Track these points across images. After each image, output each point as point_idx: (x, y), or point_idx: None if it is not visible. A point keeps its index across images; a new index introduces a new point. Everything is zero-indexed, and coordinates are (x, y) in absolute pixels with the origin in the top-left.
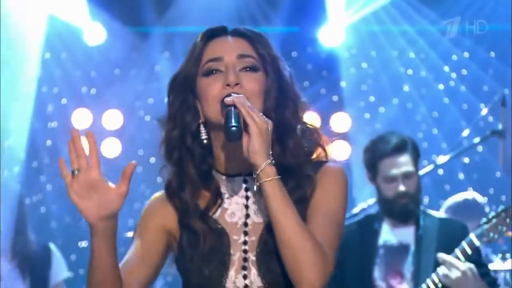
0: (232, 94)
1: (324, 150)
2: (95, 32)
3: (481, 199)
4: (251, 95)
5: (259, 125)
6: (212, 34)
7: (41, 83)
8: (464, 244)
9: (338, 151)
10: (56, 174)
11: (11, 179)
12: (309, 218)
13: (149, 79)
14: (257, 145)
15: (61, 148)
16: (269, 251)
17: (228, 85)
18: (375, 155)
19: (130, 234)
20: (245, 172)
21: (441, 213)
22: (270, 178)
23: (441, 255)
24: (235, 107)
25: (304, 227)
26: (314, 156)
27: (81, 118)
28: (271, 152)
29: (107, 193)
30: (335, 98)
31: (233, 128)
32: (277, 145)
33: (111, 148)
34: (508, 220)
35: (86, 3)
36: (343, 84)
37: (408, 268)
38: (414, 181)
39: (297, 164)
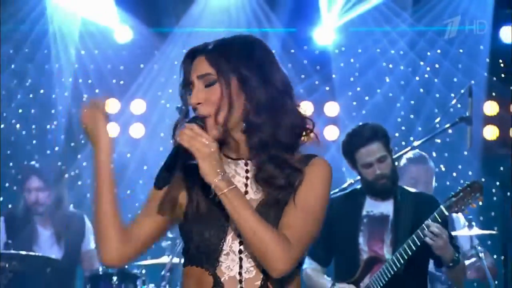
0: (194, 120)
1: (317, 136)
2: (123, 33)
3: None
4: (215, 106)
5: (201, 153)
6: (184, 58)
7: (78, 75)
8: (435, 214)
9: (330, 133)
10: (91, 153)
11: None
12: (289, 207)
13: (169, 73)
14: (204, 169)
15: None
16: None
17: (194, 108)
18: (352, 147)
19: None
20: (246, 157)
21: (414, 189)
22: (222, 192)
23: (429, 223)
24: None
25: (261, 226)
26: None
27: (111, 106)
28: (221, 172)
29: None
30: (327, 88)
31: (158, 180)
32: (271, 138)
33: (137, 131)
34: (473, 193)
35: (115, 8)
36: (334, 76)
37: (387, 235)
38: (388, 163)
39: (288, 157)
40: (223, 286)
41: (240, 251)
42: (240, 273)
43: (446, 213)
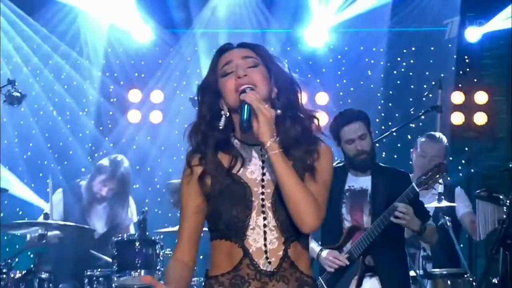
0: (246, 89)
1: (318, 127)
2: (143, 33)
3: None
4: (257, 83)
5: (265, 115)
6: (222, 49)
7: (105, 70)
8: (408, 191)
9: (320, 119)
10: (116, 136)
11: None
12: (309, 182)
13: (184, 68)
14: (263, 128)
15: (119, 118)
16: (281, 200)
17: (239, 77)
18: (337, 126)
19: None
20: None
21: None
22: (274, 152)
23: (397, 205)
24: (246, 101)
25: (301, 185)
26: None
27: (133, 96)
28: (275, 135)
29: None
30: (318, 80)
31: (244, 124)
32: (288, 120)
33: (156, 117)
34: (439, 173)
35: (138, 13)
36: (324, 70)
37: (366, 206)
38: (368, 141)
39: (303, 135)
40: (251, 256)
41: (264, 225)
42: (265, 245)
43: (417, 190)
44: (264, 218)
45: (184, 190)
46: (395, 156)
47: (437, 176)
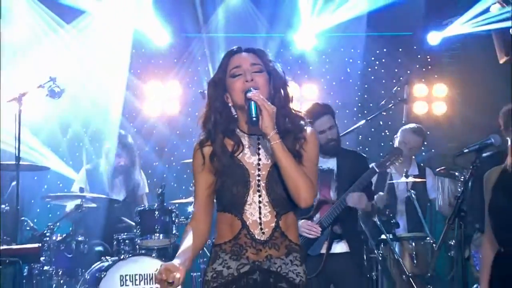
0: (251, 89)
1: (303, 119)
2: (162, 37)
3: None
4: (261, 86)
5: (268, 111)
6: (232, 52)
7: (130, 67)
8: (369, 171)
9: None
10: (139, 123)
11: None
12: (302, 163)
13: (195, 66)
14: (267, 122)
15: (141, 107)
16: (273, 180)
17: (246, 81)
18: (310, 117)
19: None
20: (258, 133)
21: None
22: (276, 142)
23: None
24: (253, 100)
25: (298, 167)
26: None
27: (155, 87)
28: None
29: None
30: (306, 76)
31: (254, 119)
32: (281, 116)
33: (173, 106)
34: (395, 156)
35: (157, 20)
36: (311, 68)
37: (333, 183)
38: (335, 131)
39: (293, 127)
40: (248, 228)
41: (259, 202)
42: (260, 218)
43: (377, 170)
44: (259, 196)
45: (196, 169)
46: (369, 139)
47: (394, 160)
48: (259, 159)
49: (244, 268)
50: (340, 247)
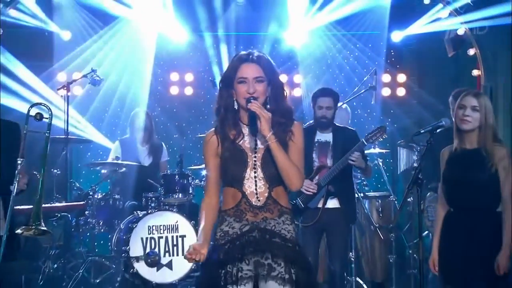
0: (250, 99)
1: (292, 112)
2: (181, 36)
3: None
4: (259, 95)
5: (265, 117)
6: (242, 59)
7: (155, 60)
8: (360, 143)
9: (297, 92)
10: (162, 103)
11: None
12: (292, 151)
13: (206, 58)
14: (264, 126)
15: (164, 91)
16: (266, 161)
17: (249, 93)
18: (317, 95)
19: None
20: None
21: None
22: (272, 142)
23: (352, 152)
24: (252, 110)
25: (289, 161)
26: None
27: (173, 77)
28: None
29: None
30: (295, 67)
31: (253, 128)
32: (277, 109)
33: (189, 90)
34: (380, 132)
35: (177, 21)
36: (299, 60)
37: (329, 152)
38: (331, 112)
39: (284, 118)
40: (247, 196)
41: (254, 177)
42: (256, 189)
43: (366, 144)
44: (255, 172)
45: (207, 155)
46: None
47: (379, 135)
48: (256, 145)
49: (245, 227)
50: (333, 203)
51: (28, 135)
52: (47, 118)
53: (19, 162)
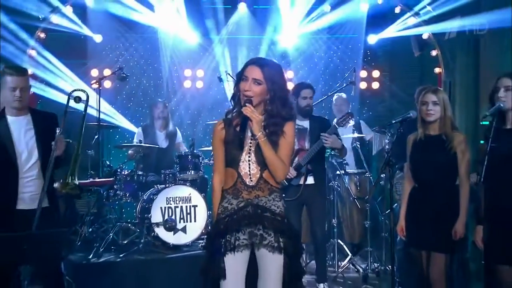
0: (246, 104)
1: (291, 117)
2: (193, 38)
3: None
4: (254, 95)
5: (256, 120)
6: (250, 62)
7: (171, 59)
8: (332, 127)
9: (289, 86)
10: (177, 94)
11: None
12: (282, 147)
13: (213, 57)
14: (254, 127)
15: (178, 84)
16: (259, 148)
17: (245, 90)
18: (300, 88)
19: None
20: (247, 119)
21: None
22: (262, 140)
23: (324, 134)
24: (244, 113)
25: (276, 157)
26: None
27: (187, 72)
28: (264, 125)
29: None
30: (287, 64)
31: (243, 129)
32: (275, 113)
33: (199, 84)
34: (350, 117)
35: (189, 26)
36: (291, 59)
37: (307, 137)
38: (311, 101)
39: (279, 120)
40: (242, 177)
41: (248, 160)
42: (249, 171)
43: (337, 127)
44: (249, 156)
45: (215, 142)
46: (329, 106)
47: (348, 119)
48: (253, 135)
49: (241, 204)
50: (310, 180)
51: (68, 119)
52: (83, 101)
53: (57, 131)
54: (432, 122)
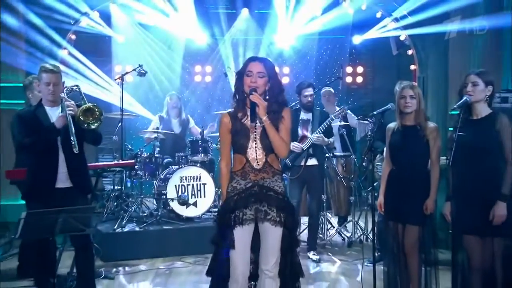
0: (252, 92)
1: (286, 104)
2: (202, 39)
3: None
4: (259, 86)
5: (262, 105)
6: (251, 59)
7: (183, 57)
8: (329, 119)
9: (285, 81)
10: (190, 87)
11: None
12: (282, 130)
13: (220, 55)
14: (261, 112)
15: (190, 79)
16: (264, 136)
17: (252, 82)
18: (301, 87)
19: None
20: (255, 104)
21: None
22: (267, 123)
23: (313, 136)
24: (252, 100)
25: (279, 136)
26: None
27: (197, 68)
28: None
29: None
30: (284, 62)
31: (253, 115)
32: (274, 100)
33: (208, 78)
34: (343, 111)
35: (199, 28)
36: (287, 57)
37: (309, 127)
38: (313, 96)
39: (278, 107)
40: (250, 161)
41: (255, 147)
42: (256, 156)
43: (333, 118)
44: (255, 143)
45: (221, 130)
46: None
47: (341, 113)
48: (256, 123)
49: (248, 184)
50: (312, 161)
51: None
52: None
53: (62, 95)
54: (409, 114)
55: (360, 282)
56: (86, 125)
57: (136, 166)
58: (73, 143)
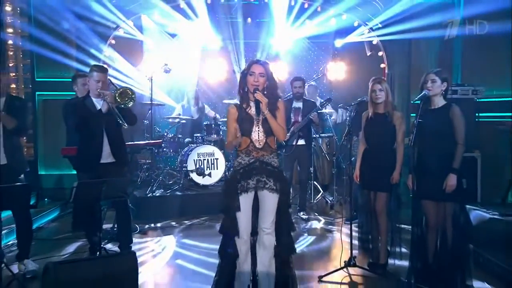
0: (256, 91)
1: (280, 97)
2: (216, 42)
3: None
4: (260, 85)
5: (264, 102)
6: (254, 62)
7: (201, 58)
8: (317, 108)
9: (280, 75)
10: (206, 83)
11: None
12: (278, 118)
13: (230, 56)
14: (263, 107)
15: (205, 75)
16: (265, 123)
17: (255, 81)
18: (292, 81)
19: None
20: (259, 102)
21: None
22: (268, 115)
23: (312, 113)
24: (256, 98)
25: (278, 124)
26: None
27: (211, 67)
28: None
29: None
30: (280, 61)
31: (258, 109)
32: (271, 96)
33: (221, 76)
34: (328, 101)
35: (213, 33)
36: (283, 57)
37: (300, 114)
38: (303, 88)
39: (274, 99)
40: (253, 142)
41: (258, 130)
42: (258, 138)
43: (320, 108)
44: (258, 128)
45: (229, 118)
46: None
47: (327, 103)
48: (259, 113)
49: (252, 160)
50: (301, 141)
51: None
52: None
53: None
54: (379, 104)
55: (340, 236)
56: (123, 104)
57: (162, 145)
58: (120, 121)
